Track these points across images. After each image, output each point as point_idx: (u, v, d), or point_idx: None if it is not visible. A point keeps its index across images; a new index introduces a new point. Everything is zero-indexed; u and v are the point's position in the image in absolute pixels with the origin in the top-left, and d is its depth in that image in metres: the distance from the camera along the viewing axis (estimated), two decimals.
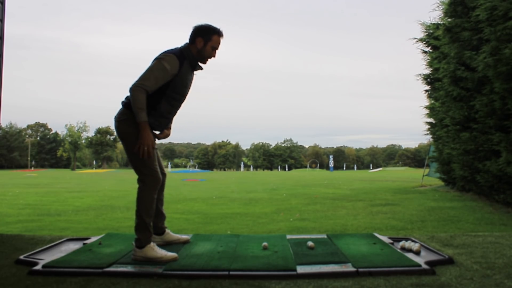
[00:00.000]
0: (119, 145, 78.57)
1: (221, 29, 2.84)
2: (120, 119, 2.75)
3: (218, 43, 2.84)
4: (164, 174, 3.05)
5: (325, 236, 3.42)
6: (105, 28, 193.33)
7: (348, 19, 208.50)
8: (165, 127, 2.92)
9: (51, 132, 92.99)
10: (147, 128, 2.64)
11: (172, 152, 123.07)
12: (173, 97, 2.79)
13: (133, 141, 2.69)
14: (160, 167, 3.00)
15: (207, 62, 2.90)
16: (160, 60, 2.69)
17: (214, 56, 2.87)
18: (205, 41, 2.79)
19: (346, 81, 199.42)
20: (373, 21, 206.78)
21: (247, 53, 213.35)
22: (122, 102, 2.79)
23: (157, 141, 3.08)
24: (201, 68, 2.94)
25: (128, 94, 2.72)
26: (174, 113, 2.92)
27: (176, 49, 2.81)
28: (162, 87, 2.72)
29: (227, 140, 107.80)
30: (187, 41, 2.86)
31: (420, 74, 11.54)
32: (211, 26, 2.82)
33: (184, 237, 3.22)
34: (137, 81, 2.64)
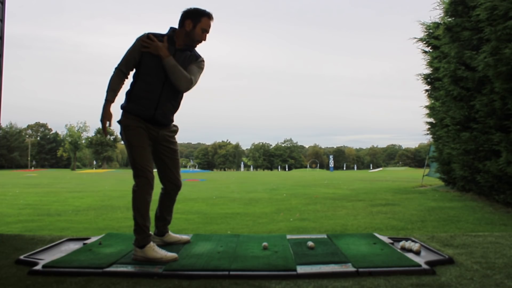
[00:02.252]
0: (119, 145, 78.81)
1: (211, 13, 2.80)
2: (119, 122, 2.79)
3: (208, 25, 2.80)
4: (177, 186, 2.99)
5: (325, 236, 3.42)
6: (105, 27, 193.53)
7: (351, 18, 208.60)
8: (150, 110, 2.72)
9: (51, 132, 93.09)
10: (107, 106, 2.71)
11: None
12: (147, 73, 2.73)
13: (131, 144, 2.71)
14: (175, 177, 2.95)
15: (197, 46, 2.85)
16: (135, 40, 2.76)
17: (204, 39, 2.82)
18: (194, 23, 2.75)
19: (346, 81, 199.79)
20: (376, 20, 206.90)
21: (248, 53, 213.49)
22: (121, 106, 2.81)
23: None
24: (189, 51, 2.82)
25: (126, 96, 2.77)
26: (153, 92, 2.71)
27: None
28: (137, 68, 2.76)
29: (227, 140, 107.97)
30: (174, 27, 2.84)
31: (420, 74, 11.55)
32: (200, 9, 2.80)
33: (185, 237, 3.21)
34: None
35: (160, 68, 2.71)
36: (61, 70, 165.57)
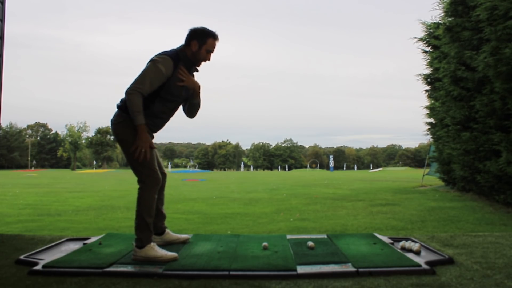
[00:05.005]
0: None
1: (216, 33, 2.84)
2: (116, 121, 2.78)
3: (213, 46, 2.84)
4: (164, 174, 3.06)
5: (325, 236, 3.42)
6: (106, 27, 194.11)
7: (353, 16, 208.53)
8: (159, 127, 2.95)
9: (51, 132, 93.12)
10: (144, 131, 2.66)
11: (172, 152, 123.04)
12: (167, 99, 2.80)
13: (130, 143, 2.71)
14: (160, 167, 3.01)
15: (201, 65, 2.91)
16: (155, 62, 2.70)
17: (208, 60, 2.87)
18: (200, 44, 2.80)
19: (347, 81, 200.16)
20: (380, 18, 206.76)
21: (249, 53, 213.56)
22: (117, 105, 2.81)
23: (155, 141, 3.10)
24: (197, 70, 2.96)
25: (123, 96, 2.75)
26: (168, 113, 2.91)
27: (171, 50, 2.82)
28: (157, 88, 2.74)
29: (227, 140, 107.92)
30: (183, 43, 2.87)
31: (420, 74, 11.54)
32: (207, 29, 2.83)
33: (184, 236, 3.22)
34: (132, 84, 2.66)
35: (180, 95, 2.84)
36: (61, 70, 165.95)
